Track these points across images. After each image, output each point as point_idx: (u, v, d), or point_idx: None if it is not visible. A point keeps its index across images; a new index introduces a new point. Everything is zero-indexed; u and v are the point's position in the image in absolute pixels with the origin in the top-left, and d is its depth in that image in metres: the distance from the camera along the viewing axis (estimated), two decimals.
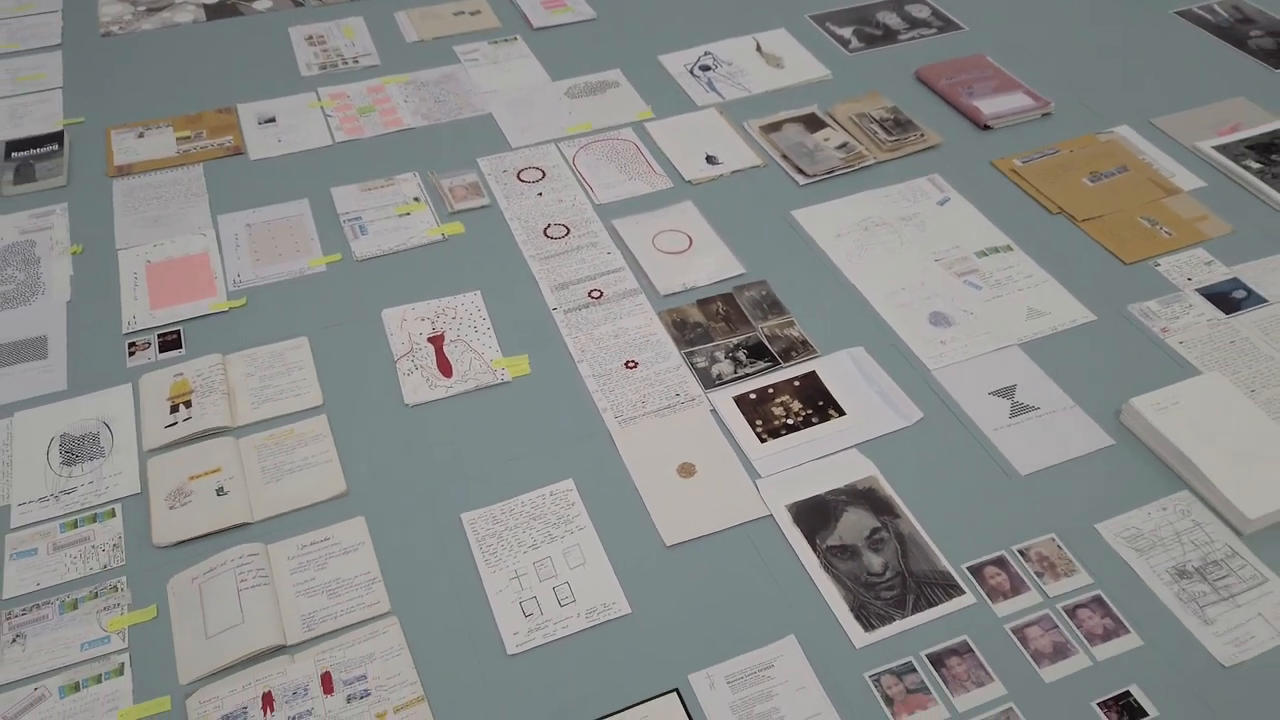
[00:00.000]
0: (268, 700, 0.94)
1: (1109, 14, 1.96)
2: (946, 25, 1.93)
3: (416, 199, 1.52)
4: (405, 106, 1.71)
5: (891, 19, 1.95)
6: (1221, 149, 1.60)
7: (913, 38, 1.90)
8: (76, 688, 0.95)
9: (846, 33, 1.91)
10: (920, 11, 1.97)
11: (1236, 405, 1.18)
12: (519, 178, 1.56)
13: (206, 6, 1.97)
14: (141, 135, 1.63)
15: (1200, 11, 1.97)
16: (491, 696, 0.95)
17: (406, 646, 0.98)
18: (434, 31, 1.90)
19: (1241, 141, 1.62)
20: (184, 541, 1.07)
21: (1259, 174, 1.55)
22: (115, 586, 1.03)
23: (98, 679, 0.96)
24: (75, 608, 1.01)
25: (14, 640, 0.99)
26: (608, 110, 1.71)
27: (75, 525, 1.08)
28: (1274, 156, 1.59)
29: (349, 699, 0.94)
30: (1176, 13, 1.97)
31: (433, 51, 1.86)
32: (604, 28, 1.93)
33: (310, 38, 1.88)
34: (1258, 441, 1.14)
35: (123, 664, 0.97)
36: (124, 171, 1.56)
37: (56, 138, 1.61)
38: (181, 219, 1.47)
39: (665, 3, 2.00)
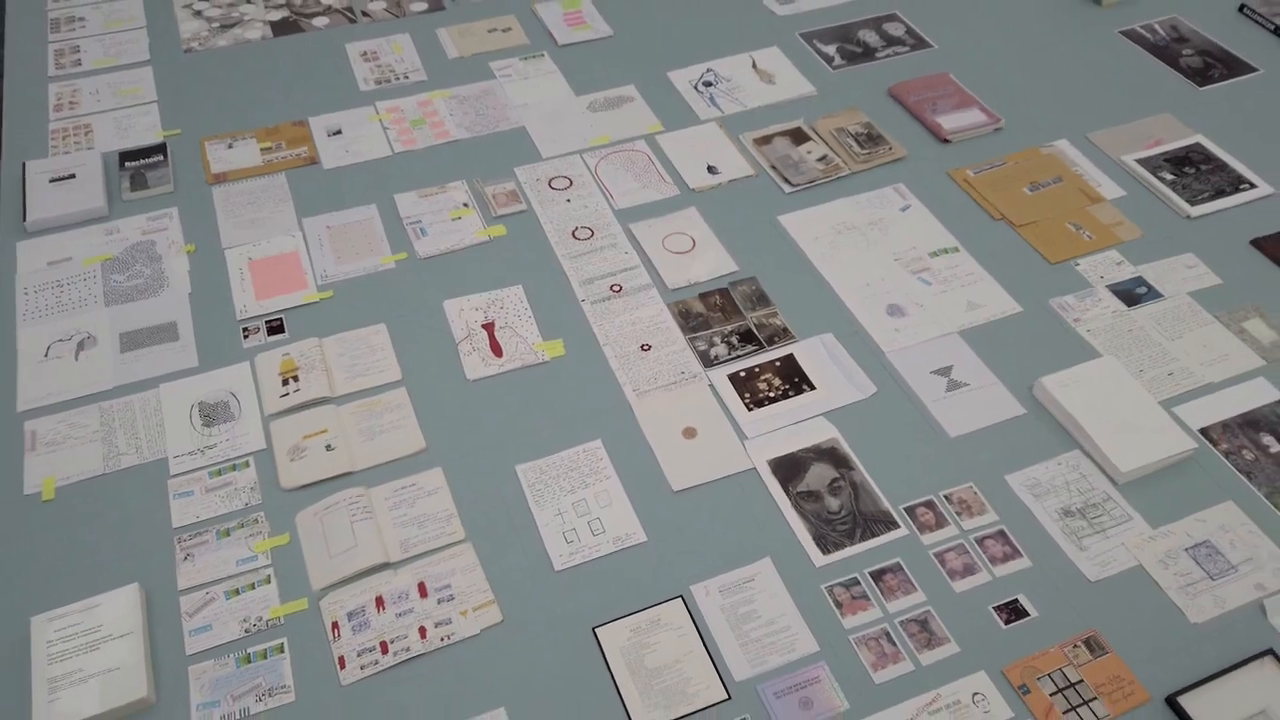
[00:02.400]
0: (379, 602, 1.27)
1: (1061, 33, 2.24)
2: (919, 43, 2.21)
3: (465, 204, 1.82)
4: (451, 120, 2.00)
5: (871, 37, 2.23)
6: (1142, 161, 1.90)
7: (889, 55, 2.18)
8: (237, 592, 1.28)
9: (831, 50, 2.19)
10: (896, 30, 2.25)
11: (1124, 383, 1.49)
12: (550, 185, 1.86)
13: (272, 24, 2.25)
14: (230, 146, 1.93)
15: (1141, 30, 2.25)
16: (543, 600, 1.28)
17: (479, 564, 1.31)
18: (472, 48, 2.19)
19: (1161, 155, 1.92)
20: (305, 486, 1.39)
21: (1171, 185, 1.85)
22: (256, 519, 1.36)
23: (252, 586, 1.29)
24: (228, 535, 1.34)
25: (185, 558, 1.31)
26: (624, 123, 2.00)
27: (220, 473, 1.41)
28: (1186, 169, 1.88)
29: (439, 601, 1.27)
30: (1121, 32, 2.25)
31: (471, 67, 2.14)
32: (620, 44, 2.21)
33: (365, 54, 2.17)
34: (1136, 412, 1.45)
35: (269, 575, 1.30)
36: (220, 179, 1.86)
37: (160, 149, 1.91)
38: (273, 221, 1.78)
39: (673, 21, 2.28)
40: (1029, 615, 1.27)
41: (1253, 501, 1.39)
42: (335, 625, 1.25)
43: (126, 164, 1.88)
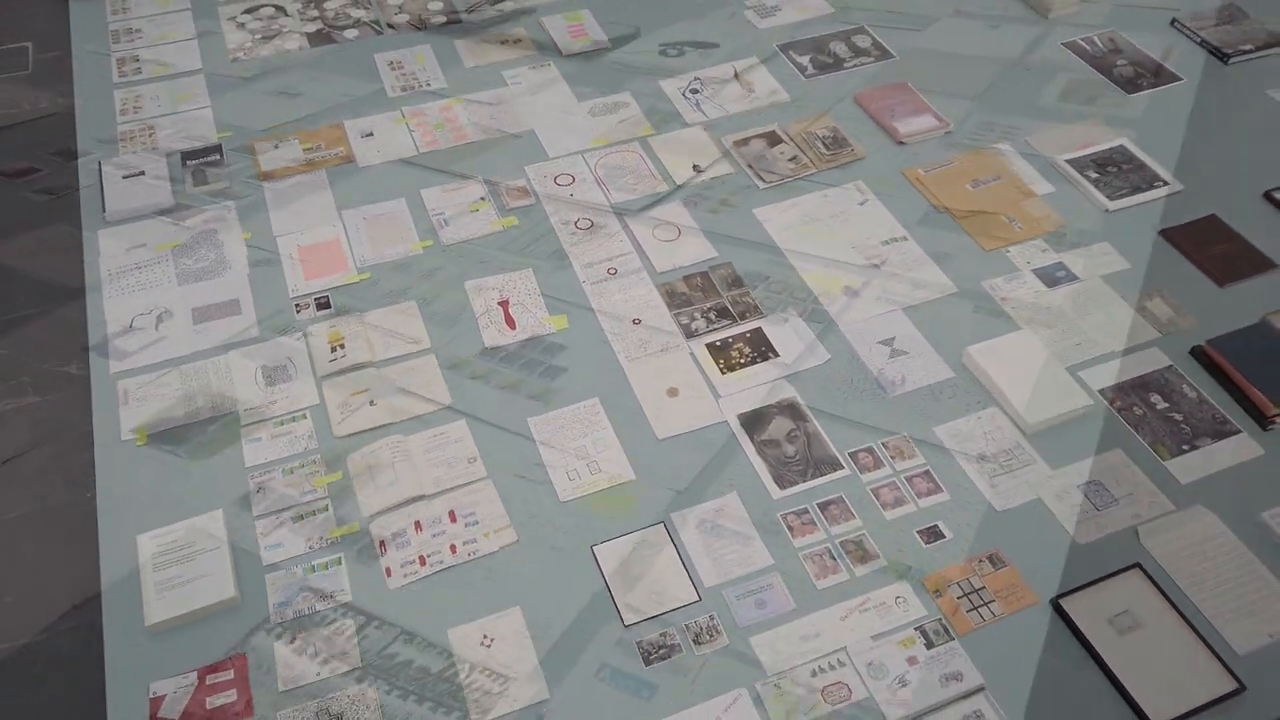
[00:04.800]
0: (418, 525, 1.56)
1: (1010, 45, 2.52)
2: (883, 54, 2.49)
3: (482, 198, 2.10)
4: (468, 123, 2.28)
5: (840, 48, 2.50)
6: (1072, 162, 2.18)
7: (856, 65, 2.46)
8: (301, 518, 1.58)
9: (805, 60, 2.47)
10: (863, 42, 2.52)
11: (1037, 351, 1.78)
12: (555, 182, 2.14)
13: (308, 35, 2.53)
14: (277, 146, 2.21)
15: (1083, 43, 2.52)
16: (551, 525, 1.58)
17: (498, 497, 1.60)
18: (486, 58, 2.46)
19: (1088, 156, 2.19)
20: (353, 434, 1.68)
21: (1095, 183, 2.13)
22: (314, 460, 1.65)
23: (314, 513, 1.58)
24: (292, 472, 1.63)
25: (258, 490, 1.61)
26: (620, 127, 2.28)
27: (282, 423, 1.70)
28: (1109, 168, 2.16)
29: (466, 525, 1.57)
30: (1063, 44, 2.52)
31: (485, 75, 2.42)
32: (617, 55, 2.49)
33: (391, 63, 2.44)
34: (1044, 375, 1.74)
35: (327, 504, 1.59)
36: (269, 176, 2.14)
37: (216, 149, 2.19)
38: (317, 213, 2.06)
39: (665, 32, 2.55)
40: (945, 537, 1.56)
41: (1138, 449, 1.67)
42: (382, 543, 1.55)
43: (188, 162, 2.16)
